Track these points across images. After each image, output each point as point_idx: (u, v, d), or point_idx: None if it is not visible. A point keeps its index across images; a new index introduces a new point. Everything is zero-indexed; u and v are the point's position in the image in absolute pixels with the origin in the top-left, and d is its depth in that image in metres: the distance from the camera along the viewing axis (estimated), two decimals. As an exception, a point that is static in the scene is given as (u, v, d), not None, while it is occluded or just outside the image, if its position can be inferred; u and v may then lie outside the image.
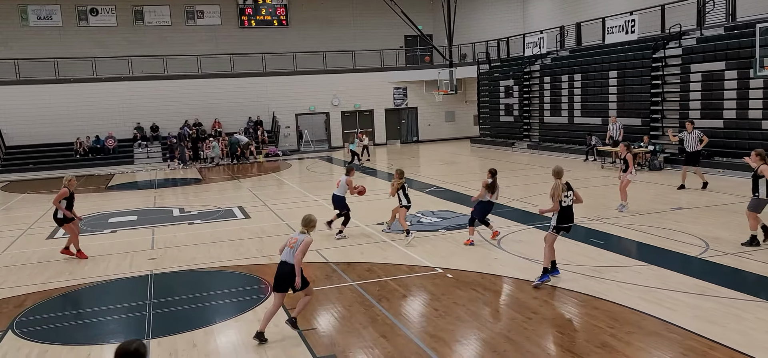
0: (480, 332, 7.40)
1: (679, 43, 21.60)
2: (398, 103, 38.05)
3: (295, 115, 36.30)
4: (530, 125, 30.30)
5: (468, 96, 38.45)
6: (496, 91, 32.98)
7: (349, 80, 36.52)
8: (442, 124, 38.56)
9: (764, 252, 9.93)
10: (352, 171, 13.57)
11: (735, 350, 6.41)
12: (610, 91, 24.24)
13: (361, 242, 12.23)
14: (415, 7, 35.16)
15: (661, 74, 21.94)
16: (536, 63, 29.95)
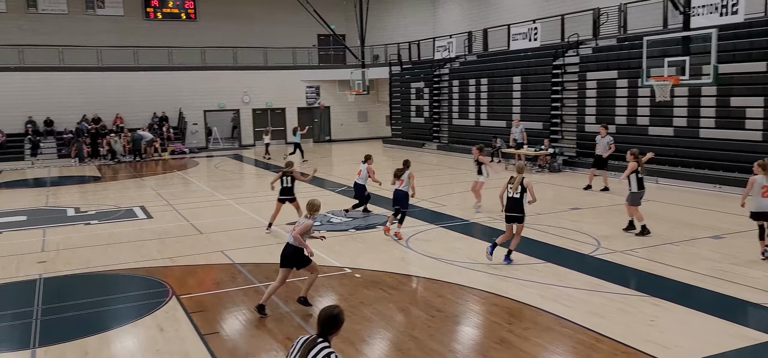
0: (385, 331, 7.53)
1: (576, 52, 22.83)
2: (311, 102, 37.86)
3: (204, 111, 35.29)
4: (440, 127, 31.04)
5: (380, 97, 38.84)
6: (408, 93, 33.52)
7: (260, 78, 35.94)
8: (354, 124, 38.72)
9: (649, 250, 10.68)
10: (371, 158, 13.85)
11: (618, 341, 6.87)
12: (514, 96, 25.25)
13: (269, 243, 12.09)
14: (328, 7, 35.07)
15: (561, 81, 23.11)
16: (446, 66, 30.70)
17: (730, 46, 16.84)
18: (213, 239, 12.60)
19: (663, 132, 18.64)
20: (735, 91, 16.68)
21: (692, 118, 17.84)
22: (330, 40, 37.06)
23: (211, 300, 8.78)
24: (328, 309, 4.09)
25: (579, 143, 21.68)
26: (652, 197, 15.88)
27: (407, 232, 12.61)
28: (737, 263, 9.73)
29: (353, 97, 32.43)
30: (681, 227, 12.42)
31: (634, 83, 18.75)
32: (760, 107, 16.14)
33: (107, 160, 29.39)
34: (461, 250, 11.15)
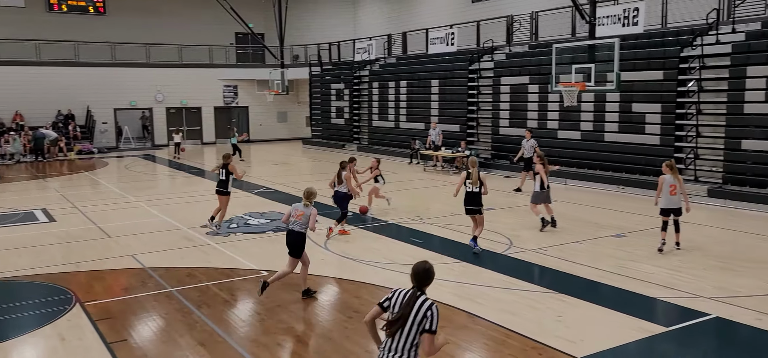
0: (302, 334, 7.47)
1: (491, 58, 23.54)
2: (228, 101, 37.02)
3: (114, 110, 33.77)
4: (360, 128, 31.15)
5: (300, 97, 38.53)
6: (328, 94, 33.43)
7: (175, 75, 34.78)
8: (274, 125, 38.20)
9: (558, 248, 11.16)
10: (353, 161, 13.74)
11: (528, 337, 7.14)
12: (432, 99, 25.71)
13: (182, 246, 11.73)
14: (246, 5, 34.40)
15: (477, 85, 23.76)
16: (366, 68, 30.86)
17: (631, 55, 17.86)
18: (122, 242, 12.08)
19: (571, 136, 19.54)
20: (635, 98, 17.71)
21: (598, 123, 18.79)
22: (248, 38, 36.38)
23: (119, 307, 8.41)
24: (422, 264, 4.51)
25: (494, 146, 22.35)
26: (560, 197, 16.62)
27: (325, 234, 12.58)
28: (637, 260, 10.33)
29: (272, 97, 31.98)
30: (587, 226, 13.05)
31: (545, 89, 19.53)
32: (657, 113, 17.22)
33: (5, 160, 27.55)
34: (380, 251, 11.24)
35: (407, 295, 4.41)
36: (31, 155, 28.29)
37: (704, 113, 16.47)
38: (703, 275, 9.45)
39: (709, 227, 12.88)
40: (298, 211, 8.51)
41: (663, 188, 10.79)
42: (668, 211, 10.86)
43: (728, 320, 7.60)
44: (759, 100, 15.04)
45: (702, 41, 16.53)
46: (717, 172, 15.86)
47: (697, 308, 8.01)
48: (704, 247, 11.20)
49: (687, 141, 16.73)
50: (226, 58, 37.21)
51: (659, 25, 18.75)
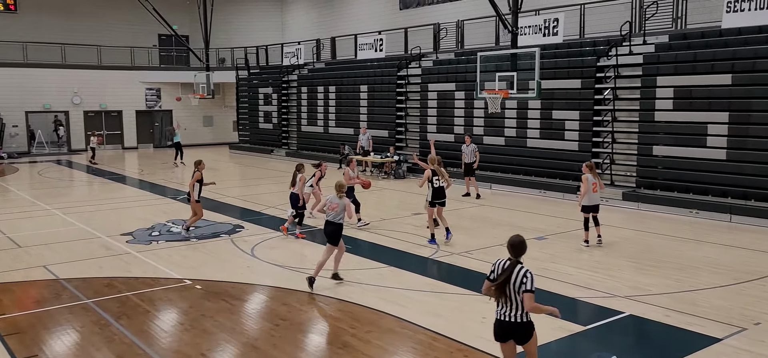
0: (227, 344, 7.32)
1: (419, 64, 23.88)
2: (151, 105, 35.82)
3: (26, 113, 32.01)
4: (289, 133, 30.85)
5: (227, 101, 37.75)
6: (256, 98, 32.94)
7: (93, 77, 33.35)
8: (199, 129, 37.22)
9: (483, 251, 11.42)
10: (352, 161, 13.98)
11: (453, 339, 7.28)
12: (361, 104, 25.80)
13: (100, 255, 11.25)
14: (169, 6, 33.43)
15: (405, 91, 24.04)
16: (294, 73, 30.61)
17: (552, 64, 18.56)
18: (34, 252, 11.46)
19: (496, 141, 20.08)
20: (556, 105, 18.41)
21: (520, 129, 19.41)
22: (172, 40, 35.34)
23: (30, 320, 7.97)
24: (517, 237, 5.53)
25: (422, 151, 22.64)
26: (486, 202, 17.06)
27: (254, 240, 12.40)
28: (558, 262, 10.73)
29: (197, 100, 31.20)
30: (511, 229, 13.42)
31: (471, 95, 19.99)
32: (576, 120, 17.96)
33: None
34: (308, 257, 11.17)
35: (506, 263, 5.45)
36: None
37: (619, 120, 17.32)
38: (618, 275, 9.92)
39: (623, 229, 13.54)
40: (333, 203, 9.26)
41: (587, 187, 11.45)
42: (589, 208, 11.61)
43: (640, 317, 8.01)
44: (668, 109, 15.95)
45: (616, 52, 17.38)
46: (631, 177, 16.70)
47: (613, 306, 8.40)
48: (619, 248, 11.77)
49: (603, 147, 17.54)
50: (149, 61, 36.00)
51: (578, 36, 19.59)
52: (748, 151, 14.41)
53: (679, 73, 15.77)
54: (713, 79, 15.11)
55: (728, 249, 11.59)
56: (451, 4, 26.46)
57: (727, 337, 7.28)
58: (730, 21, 15.29)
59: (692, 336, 7.34)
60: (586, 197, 11.55)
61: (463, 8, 25.07)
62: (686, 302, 8.51)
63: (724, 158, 14.75)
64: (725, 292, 8.99)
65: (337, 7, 33.84)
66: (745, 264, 10.49)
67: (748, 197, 14.20)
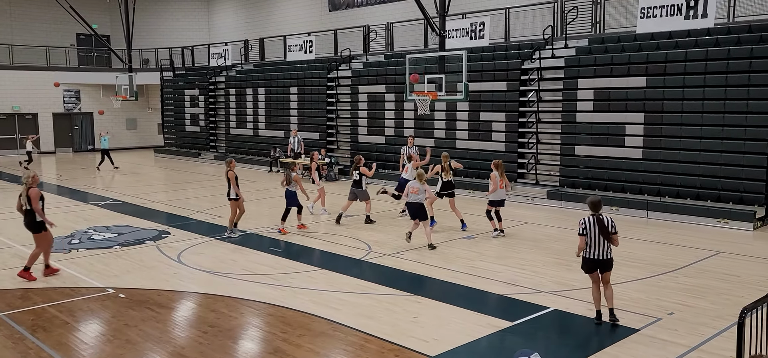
0: (152, 353, 7.08)
1: (349, 66, 23.91)
2: (70, 107, 34.21)
3: (-71, 115, 29.91)
4: (217, 136, 30.19)
5: (151, 103, 36.56)
6: (182, 100, 32.05)
7: (5, 78, 31.52)
8: (122, 132, 35.85)
9: (414, 252, 11.56)
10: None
11: (385, 340, 7.32)
12: (291, 106, 25.57)
13: (13, 265, 10.63)
14: (88, 5, 32.08)
15: (336, 93, 23.99)
16: (222, 74, 29.99)
17: (478, 67, 19.00)
18: (-61, 265, 10.71)
19: (426, 143, 20.29)
20: (483, 107, 18.86)
21: (450, 130, 19.75)
22: (92, 40, 33.88)
23: (-64, 338, 7.44)
24: (596, 197, 7.92)
25: (353, 153, 22.66)
26: (417, 202, 17.20)
27: (180, 246, 12.06)
28: (486, 260, 10.99)
29: (120, 103, 30.06)
30: (441, 229, 13.63)
31: (401, 97, 20.19)
32: (502, 121, 18.45)
33: None
34: (237, 261, 10.96)
35: (596, 218, 7.57)
36: None
37: (543, 121, 17.92)
38: (543, 271, 10.25)
39: (548, 227, 14.01)
40: (414, 187, 11.71)
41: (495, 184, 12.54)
42: (496, 202, 12.78)
43: (565, 312, 8.31)
44: (588, 110, 16.63)
45: (540, 55, 17.98)
46: (555, 176, 17.31)
47: (539, 302, 8.67)
48: (544, 245, 12.17)
49: (528, 147, 18.10)
50: (67, 61, 34.36)
51: (503, 39, 20.14)
52: (661, 151, 15.22)
53: (598, 75, 16.47)
54: (629, 82, 15.88)
55: (645, 244, 12.19)
56: (380, 6, 26.64)
57: (644, 327, 7.66)
58: (644, 26, 16.11)
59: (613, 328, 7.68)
60: (494, 193, 12.58)
61: (392, 11, 25.30)
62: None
63: (641, 157, 15.53)
64: (642, 285, 9.46)
65: (266, 8, 33.41)
66: (660, 257, 11.07)
67: (662, 193, 15.00)
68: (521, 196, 17.21)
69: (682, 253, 11.43)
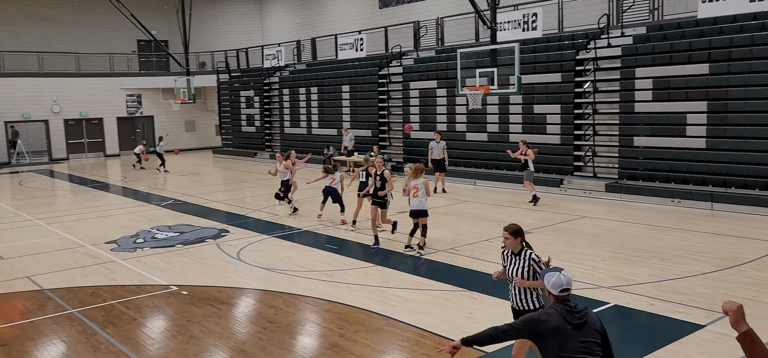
0: (214, 349, 7.30)
1: (400, 63, 23.93)
2: (132, 111, 35.53)
3: (5, 123, 31.60)
4: (272, 136, 30.76)
5: (209, 105, 37.55)
6: (237, 102, 32.80)
7: (72, 85, 33.01)
8: (182, 134, 37.00)
9: (469, 247, 11.50)
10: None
11: (440, 335, 7.33)
12: (343, 104, 25.80)
13: (84, 264, 11.15)
14: (147, 11, 33.21)
15: (387, 89, 24.07)
16: (275, 75, 30.52)
17: (531, 59, 18.70)
18: (17, 264, 11.33)
19: (478, 137, 20.19)
20: (537, 99, 18.56)
21: (503, 124, 19.52)
22: (151, 46, 35.07)
23: (15, 333, 7.89)
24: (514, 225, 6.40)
25: (405, 149, 22.72)
26: (470, 197, 17.17)
27: (239, 244, 12.37)
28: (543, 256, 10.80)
29: (179, 105, 31.00)
30: (496, 224, 13.49)
31: (452, 92, 20.07)
32: (557, 114, 18.11)
33: None
34: (293, 259, 11.16)
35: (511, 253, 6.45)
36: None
37: (600, 113, 17.49)
38: (602, 266, 10.03)
39: (607, 221, 13.69)
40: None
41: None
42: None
43: (625, 307, 8.12)
44: (647, 100, 16.14)
45: (595, 45, 17.55)
46: (613, 168, 16.88)
47: (598, 297, 8.50)
48: (602, 239, 11.89)
49: (585, 139, 17.70)
50: (129, 67, 35.70)
51: (556, 30, 19.74)
52: (726, 140, 14.63)
53: (657, 64, 15.96)
54: (691, 69, 15.32)
55: (710, 236, 11.76)
56: (430, 1, 26.54)
57: (710, 323, 7.40)
58: (706, 11, 15.50)
59: (677, 324, 7.46)
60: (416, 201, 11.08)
61: (442, 5, 25.15)
62: (670, 291, 8.63)
63: (704, 147, 14.97)
64: (708, 279, 9.13)
65: (317, 7, 33.79)
66: (726, 251, 10.66)
67: (727, 184, 14.42)
68: (578, 189, 16.87)
69: (751, 245, 10.96)
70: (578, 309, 4.12)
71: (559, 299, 4.19)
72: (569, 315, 4.09)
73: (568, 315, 4.09)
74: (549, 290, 4.22)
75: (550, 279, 4.22)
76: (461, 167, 20.09)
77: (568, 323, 4.06)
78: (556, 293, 4.19)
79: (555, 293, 4.19)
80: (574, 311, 4.12)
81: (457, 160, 20.40)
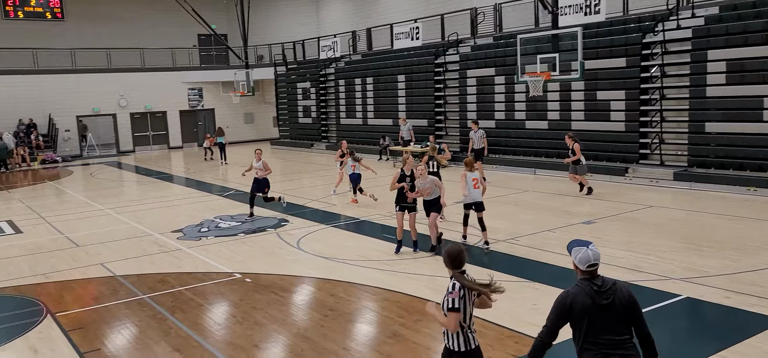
0: (278, 335, 7.42)
1: (456, 51, 23.66)
2: (194, 104, 36.52)
3: (77, 117, 33.05)
4: (328, 127, 31.04)
5: (266, 98, 38.21)
6: (294, 93, 33.23)
7: (138, 80, 34.19)
8: (241, 126, 37.81)
9: (530, 238, 11.28)
10: None
11: (503, 326, 7.21)
12: (399, 94, 25.74)
13: (152, 252, 11.54)
14: (208, 6, 33.96)
15: (443, 78, 23.86)
16: (331, 66, 30.74)
17: (594, 43, 18.14)
18: (91, 251, 11.83)
19: (539, 125, 19.76)
20: (600, 85, 18.00)
21: (564, 112, 19.04)
22: (211, 40, 35.92)
23: (91, 316, 8.24)
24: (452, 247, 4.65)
25: (463, 139, 22.49)
26: (530, 187, 16.86)
27: (298, 233, 12.53)
28: (607, 246, 10.49)
29: (238, 98, 31.64)
30: (558, 214, 13.22)
31: (511, 80, 19.71)
32: (621, 100, 17.52)
33: (-36, 172, 26.78)
34: (353, 248, 11.22)
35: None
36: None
37: (668, 98, 16.82)
38: (672, 257, 9.65)
39: (676, 210, 13.17)
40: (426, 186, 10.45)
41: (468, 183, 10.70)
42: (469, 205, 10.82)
43: (698, 300, 7.78)
44: (720, 83, 15.41)
45: (663, 27, 16.86)
46: (682, 156, 16.22)
47: (668, 289, 8.18)
48: (671, 229, 11.45)
49: (652, 126, 17.07)
50: (190, 61, 36.69)
51: (621, 13, 19.07)
52: (806, 124, 13.83)
53: (731, 45, 15.21)
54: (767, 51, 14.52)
55: (788, 226, 11.15)
56: (488, -13, 26.09)
57: (792, 317, 7.01)
58: (784, -11, 14.66)
59: (754, 318, 7.09)
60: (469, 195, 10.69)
61: (500, -9, 24.69)
62: (746, 283, 8.22)
63: (781, 132, 14.20)
64: (787, 271, 8.65)
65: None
66: (806, 241, 10.08)
67: (807, 171, 13.65)
68: (644, 178, 16.30)
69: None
70: (605, 287, 3.93)
71: (587, 275, 3.99)
72: (597, 295, 3.91)
73: (595, 295, 3.91)
74: (576, 266, 4.01)
75: (578, 254, 4.00)
76: (520, 156, 19.74)
77: (595, 304, 3.89)
78: (583, 269, 3.99)
79: (583, 268, 3.99)
80: (601, 290, 3.92)
81: (515, 149, 20.07)
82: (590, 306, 3.88)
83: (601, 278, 3.97)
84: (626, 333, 3.90)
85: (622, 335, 3.88)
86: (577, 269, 4.04)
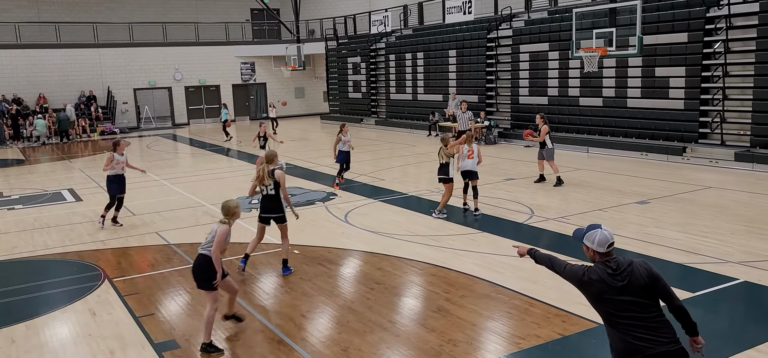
0: (325, 306, 7.52)
1: (509, 25, 23.19)
2: (246, 78, 37.10)
3: (134, 90, 34.06)
4: (377, 102, 31.04)
5: (317, 72, 38.45)
6: (345, 68, 33.31)
7: (192, 54, 34.92)
8: (292, 101, 38.23)
9: (580, 217, 11.06)
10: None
11: (550, 305, 7.11)
12: (450, 69, 25.47)
13: (204, 222, 11.84)
14: (261, -20, 34.30)
15: (495, 54, 23.46)
16: (382, 41, 30.63)
17: (654, 18, 17.46)
18: (147, 220, 12.24)
19: (593, 103, 19.25)
20: (659, 62, 17.35)
21: (620, 89, 18.47)
22: (264, 14, 36.30)
23: (146, 282, 8.55)
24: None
25: (513, 115, 22.14)
26: (582, 165, 16.48)
27: (346, 207, 12.62)
28: (661, 227, 10.20)
29: (289, 73, 31.97)
30: (610, 193, 12.91)
31: (565, 55, 19.22)
32: (681, 77, 16.86)
33: (31, 142, 28.00)
34: (400, 223, 11.24)
35: None
36: (56, 137, 28.70)
37: (731, 75, 16.09)
38: (730, 240, 9.30)
39: (736, 192, 12.66)
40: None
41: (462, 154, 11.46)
42: (465, 174, 11.57)
43: (757, 285, 7.48)
44: (787, 60, 14.65)
45: (729, 1, 16.08)
46: (745, 136, 15.54)
47: (725, 272, 7.90)
48: (731, 211, 11.02)
49: (713, 104, 16.39)
50: (243, 35, 37.20)
51: (683, -14, 18.27)
52: None
53: (801, 20, 14.39)
54: (842, 26, 13.69)
55: None
56: (543, -40, 25.41)
57: None
58: None
59: (817, 305, 6.78)
60: (462, 164, 11.48)
61: (556, -36, 24.00)
62: (810, 269, 7.85)
63: None
64: None
65: (425, -29, 33.35)
66: None
67: None
68: (703, 158, 15.71)
69: None
70: (620, 268, 3.87)
71: (605, 256, 3.93)
72: (611, 278, 3.85)
73: (610, 278, 3.85)
74: (594, 249, 3.94)
75: (594, 237, 3.95)
76: (573, 133, 19.30)
77: (610, 286, 3.83)
78: (603, 251, 3.93)
79: (603, 250, 3.93)
80: (616, 272, 3.86)
81: (568, 126, 19.62)
82: (607, 289, 3.85)
83: (616, 260, 3.93)
84: (654, 310, 3.84)
85: (647, 312, 3.81)
86: (594, 253, 3.98)
